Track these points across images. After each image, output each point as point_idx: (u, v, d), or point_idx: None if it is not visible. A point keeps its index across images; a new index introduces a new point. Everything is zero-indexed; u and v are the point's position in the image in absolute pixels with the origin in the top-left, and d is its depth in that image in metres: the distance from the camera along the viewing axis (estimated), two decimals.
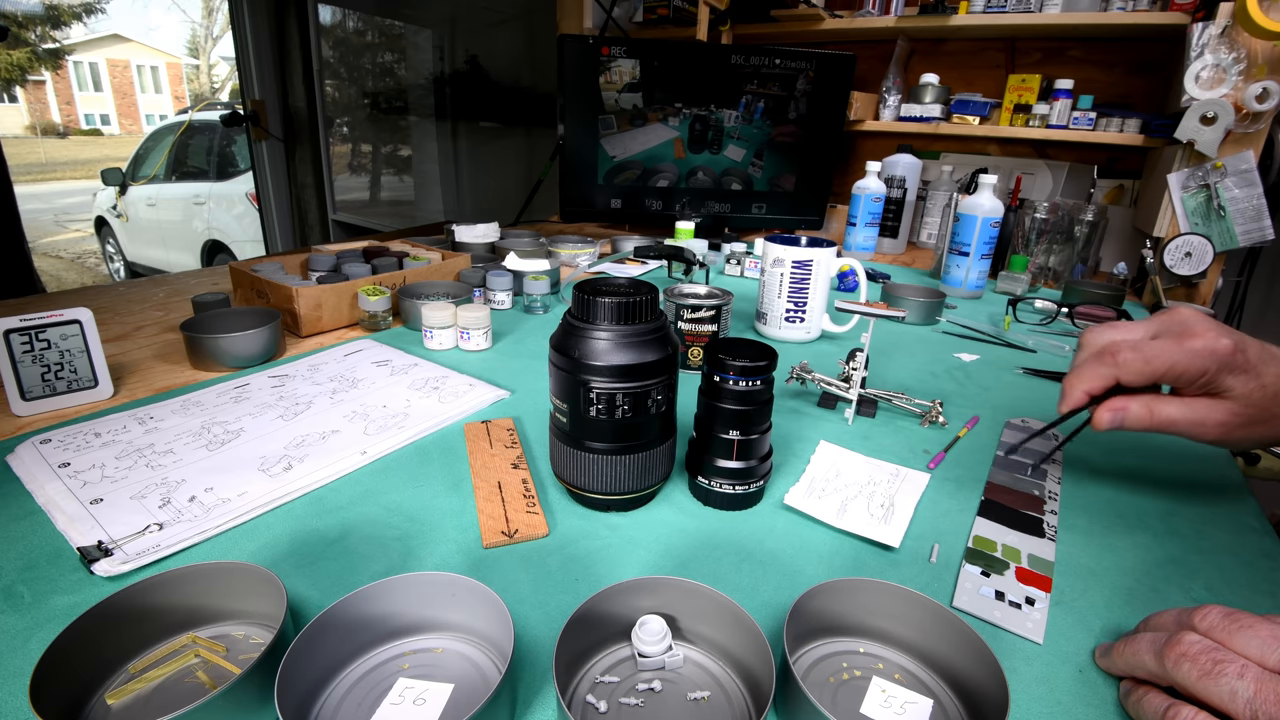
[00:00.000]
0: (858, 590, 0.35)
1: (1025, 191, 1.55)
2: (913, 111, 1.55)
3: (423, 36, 3.23)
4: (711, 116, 1.36)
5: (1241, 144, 1.14)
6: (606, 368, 0.41)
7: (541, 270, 0.97)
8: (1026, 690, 0.33)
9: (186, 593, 0.34)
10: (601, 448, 0.43)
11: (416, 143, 3.43)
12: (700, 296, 0.76)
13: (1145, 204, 1.38)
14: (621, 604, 0.34)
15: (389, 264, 0.93)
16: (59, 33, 13.78)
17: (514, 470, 0.51)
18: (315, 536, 0.43)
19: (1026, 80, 1.43)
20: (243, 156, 3.56)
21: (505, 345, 0.80)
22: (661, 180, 1.41)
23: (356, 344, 0.77)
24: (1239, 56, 1.09)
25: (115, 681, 0.32)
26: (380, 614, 0.33)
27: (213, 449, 0.53)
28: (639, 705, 0.32)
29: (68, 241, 6.61)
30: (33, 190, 8.90)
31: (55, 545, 0.41)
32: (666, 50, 1.32)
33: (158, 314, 0.88)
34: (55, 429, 0.55)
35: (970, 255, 1.09)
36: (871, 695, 0.33)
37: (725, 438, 0.46)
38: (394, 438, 0.55)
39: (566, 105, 1.31)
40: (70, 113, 15.86)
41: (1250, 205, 1.14)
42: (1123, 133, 1.34)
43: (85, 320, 0.60)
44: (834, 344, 0.86)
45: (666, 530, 0.45)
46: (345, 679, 0.32)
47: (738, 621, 0.32)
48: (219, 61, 16.67)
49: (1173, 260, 1.20)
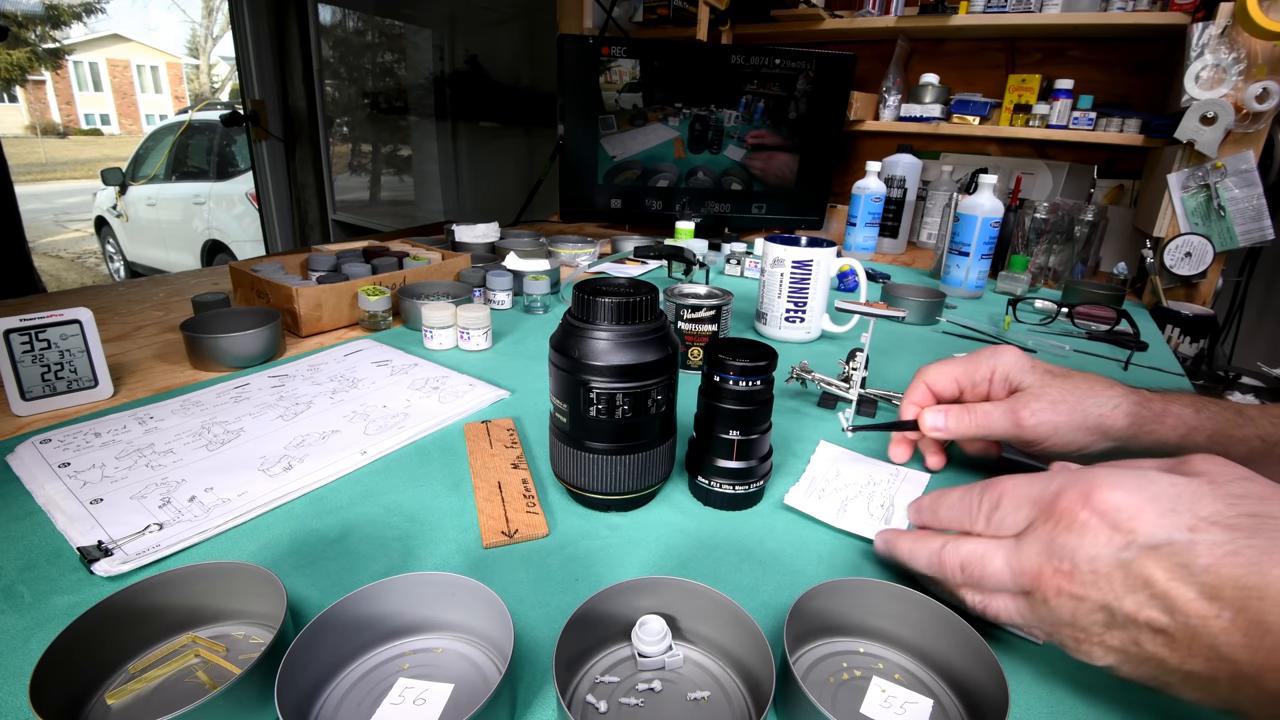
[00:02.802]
0: (858, 590, 0.35)
1: (1025, 191, 1.55)
2: (913, 111, 1.55)
3: (423, 36, 3.23)
4: (711, 116, 1.36)
5: (1241, 144, 1.14)
6: (606, 368, 0.41)
7: (541, 270, 0.97)
8: (1026, 690, 0.33)
9: (186, 593, 0.34)
10: (601, 448, 0.43)
11: (416, 143, 3.43)
12: (700, 296, 0.76)
13: (1145, 204, 1.38)
14: (621, 604, 0.34)
15: (389, 264, 0.93)
16: (59, 33, 13.79)
17: (514, 470, 0.51)
18: (315, 536, 0.43)
19: (1026, 80, 1.43)
20: (243, 156, 3.55)
21: (505, 345, 0.80)
22: (661, 180, 1.41)
23: (356, 344, 0.77)
24: (1239, 56, 1.09)
25: (115, 681, 0.32)
26: (380, 614, 0.33)
27: (213, 449, 0.53)
28: (639, 705, 0.32)
29: (68, 241, 6.61)
30: (33, 190, 8.90)
31: (55, 545, 0.41)
32: (666, 50, 1.32)
33: (158, 314, 0.88)
34: (55, 429, 0.55)
35: (970, 255, 1.09)
36: (871, 695, 0.33)
37: (725, 438, 0.46)
38: (394, 438, 0.55)
39: (566, 105, 1.31)
40: (70, 113, 15.86)
41: (1250, 205, 1.14)
42: (1123, 133, 1.34)
43: (85, 320, 0.60)
44: (834, 344, 0.86)
45: (666, 530, 0.45)
46: (345, 679, 0.32)
47: (738, 621, 0.32)
48: (219, 61, 16.68)
49: (1173, 260, 1.20)
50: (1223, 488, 0.28)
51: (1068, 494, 0.30)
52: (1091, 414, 0.46)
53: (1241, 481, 0.28)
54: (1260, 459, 0.42)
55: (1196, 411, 0.45)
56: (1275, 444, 0.42)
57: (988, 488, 0.35)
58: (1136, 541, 0.27)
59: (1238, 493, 0.28)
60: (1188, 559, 0.26)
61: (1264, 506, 0.27)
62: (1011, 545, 0.32)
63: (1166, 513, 0.27)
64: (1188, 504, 0.28)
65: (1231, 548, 0.25)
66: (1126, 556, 0.27)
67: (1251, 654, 0.24)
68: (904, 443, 0.54)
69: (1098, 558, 0.28)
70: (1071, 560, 0.29)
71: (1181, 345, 1.14)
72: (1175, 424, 0.45)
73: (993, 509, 0.34)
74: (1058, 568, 0.29)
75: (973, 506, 0.35)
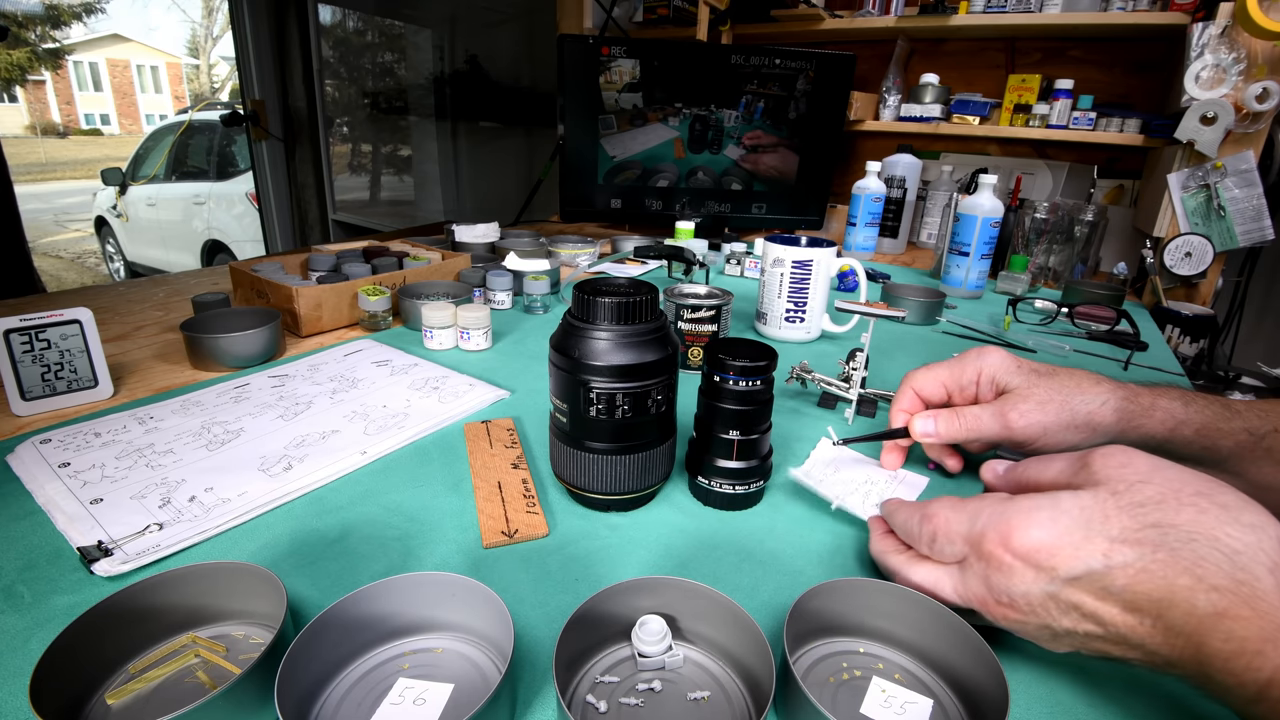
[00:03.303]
0: (858, 590, 0.35)
1: (1025, 191, 1.55)
2: (913, 111, 1.55)
3: (423, 36, 3.23)
4: (711, 116, 1.36)
5: (1241, 144, 1.14)
6: (606, 368, 0.41)
7: (541, 270, 0.97)
8: (1026, 690, 0.33)
9: (186, 593, 0.34)
10: (601, 448, 0.43)
11: (416, 143, 3.43)
12: (700, 296, 0.76)
13: (1145, 204, 1.38)
14: (621, 604, 0.34)
15: (389, 264, 0.93)
16: (59, 33, 13.78)
17: (514, 470, 0.51)
18: (315, 536, 0.43)
19: (1026, 80, 1.43)
20: (243, 156, 3.55)
21: (505, 345, 0.80)
22: (661, 180, 1.41)
23: (356, 344, 0.77)
24: (1239, 56, 1.09)
25: (115, 681, 0.32)
26: (380, 614, 0.33)
27: (213, 449, 0.53)
28: (639, 705, 0.32)
29: (68, 241, 6.60)
30: (33, 190, 8.90)
31: (55, 545, 0.41)
32: (666, 50, 1.32)
33: (158, 314, 0.88)
34: (55, 429, 0.55)
35: (970, 255, 1.09)
36: (871, 695, 0.33)
37: (725, 438, 0.46)
38: (394, 438, 0.55)
39: (566, 105, 1.31)
40: (70, 112, 15.85)
41: (1250, 205, 1.14)
42: (1123, 133, 1.34)
43: (85, 320, 0.60)
44: (834, 344, 0.86)
45: (666, 530, 0.45)
46: (345, 679, 0.32)
47: (738, 621, 0.32)
48: (219, 61, 16.66)
49: (1173, 260, 1.20)
50: (1124, 497, 0.31)
51: (989, 538, 0.32)
52: (1080, 412, 0.46)
53: (1140, 486, 0.31)
54: (1247, 453, 0.43)
55: (1185, 405, 0.45)
56: (1262, 437, 0.43)
57: (925, 519, 0.36)
58: (1059, 576, 0.30)
59: (1138, 500, 0.30)
60: (1107, 583, 0.29)
61: (1163, 513, 0.29)
62: (957, 575, 0.34)
63: (1080, 544, 0.30)
64: (1098, 526, 0.30)
65: (1141, 565, 0.29)
66: (1053, 590, 0.30)
67: (1170, 650, 0.28)
68: (896, 450, 0.54)
69: (1029, 593, 0.31)
70: (1008, 595, 0.32)
71: (1181, 345, 1.14)
72: (1163, 418, 0.45)
73: (931, 540, 0.36)
74: (998, 600, 0.32)
75: (915, 533, 0.37)
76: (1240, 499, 0.30)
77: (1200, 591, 0.27)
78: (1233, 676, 0.26)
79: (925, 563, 0.36)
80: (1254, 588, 0.27)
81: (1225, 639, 0.26)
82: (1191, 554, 0.28)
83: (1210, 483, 0.30)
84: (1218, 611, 0.27)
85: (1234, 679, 0.26)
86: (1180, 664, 0.28)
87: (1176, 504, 0.30)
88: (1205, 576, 0.27)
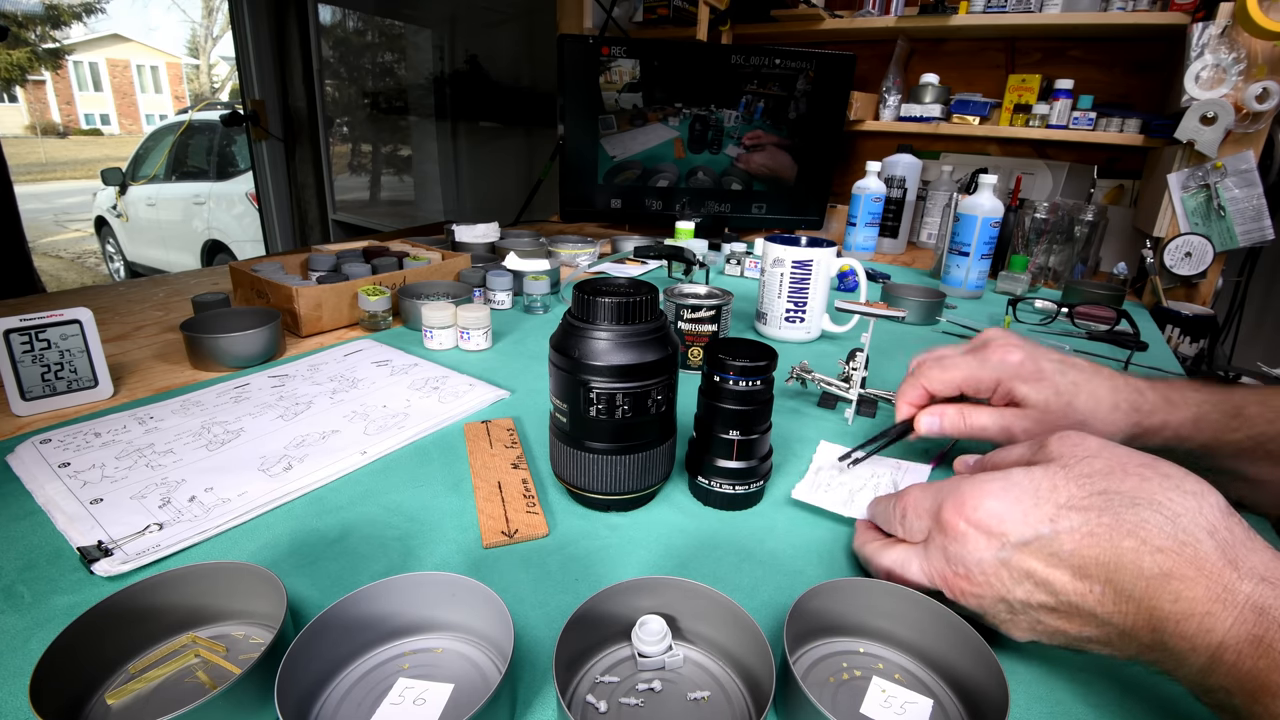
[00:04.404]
0: (858, 590, 0.35)
1: (1025, 191, 1.55)
2: (913, 111, 1.55)
3: (423, 36, 3.23)
4: (711, 116, 1.36)
5: (1241, 144, 1.14)
6: (606, 368, 0.41)
7: (541, 270, 0.97)
8: (1026, 690, 0.33)
9: (186, 593, 0.34)
10: (601, 448, 0.43)
11: (416, 143, 3.43)
12: (700, 296, 0.76)
13: (1145, 204, 1.38)
14: (621, 604, 0.34)
15: (389, 264, 0.93)
16: (59, 33, 13.78)
17: (514, 470, 0.51)
18: (315, 536, 0.43)
19: (1026, 80, 1.43)
20: (243, 156, 3.55)
21: (505, 345, 0.80)
22: (661, 180, 1.41)
23: (356, 344, 0.77)
24: (1239, 56, 1.09)
25: (115, 681, 0.32)
26: (380, 614, 0.33)
27: (213, 449, 0.53)
28: (639, 705, 0.32)
29: (68, 241, 6.60)
30: (33, 190, 8.90)
31: (55, 545, 0.41)
32: (666, 50, 1.32)
33: (158, 314, 0.88)
34: (55, 429, 0.55)
35: (970, 255, 1.09)
36: (871, 695, 0.33)
37: (725, 438, 0.46)
38: (394, 438, 0.55)
39: (566, 105, 1.31)
40: (70, 113, 15.85)
41: (1250, 205, 1.14)
42: (1123, 133, 1.34)
43: (85, 320, 0.60)
44: (834, 344, 0.86)
45: (666, 530, 0.45)
46: (345, 679, 0.32)
47: (738, 621, 0.32)
48: (219, 61, 16.67)
49: (1173, 260, 1.20)
50: (1073, 469, 0.32)
51: (946, 508, 0.34)
52: None
53: (1089, 460, 0.32)
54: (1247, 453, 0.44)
55: (1195, 425, 0.45)
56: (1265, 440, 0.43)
57: (898, 499, 0.38)
58: (1010, 542, 0.31)
59: (1086, 472, 0.31)
60: (1055, 548, 0.30)
61: (1109, 482, 0.31)
62: (922, 553, 0.35)
63: (1030, 510, 0.31)
64: (1046, 495, 0.32)
65: (1087, 529, 0.30)
66: (1005, 556, 0.31)
67: (1122, 617, 0.29)
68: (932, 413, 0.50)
69: (983, 560, 0.32)
70: (964, 565, 0.33)
71: (1181, 345, 1.14)
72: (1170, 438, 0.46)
73: (902, 518, 0.37)
74: (956, 571, 0.33)
75: (890, 515, 0.39)
76: (1182, 471, 0.31)
77: (1146, 553, 0.28)
78: (1185, 640, 0.27)
79: (896, 545, 0.38)
80: (1196, 549, 0.27)
81: (1174, 600, 0.27)
82: (1135, 517, 0.29)
83: (1156, 458, 0.32)
84: (1164, 572, 0.27)
85: (1186, 643, 0.27)
86: (1135, 633, 0.28)
87: (1122, 473, 0.31)
88: (1149, 539, 0.28)
